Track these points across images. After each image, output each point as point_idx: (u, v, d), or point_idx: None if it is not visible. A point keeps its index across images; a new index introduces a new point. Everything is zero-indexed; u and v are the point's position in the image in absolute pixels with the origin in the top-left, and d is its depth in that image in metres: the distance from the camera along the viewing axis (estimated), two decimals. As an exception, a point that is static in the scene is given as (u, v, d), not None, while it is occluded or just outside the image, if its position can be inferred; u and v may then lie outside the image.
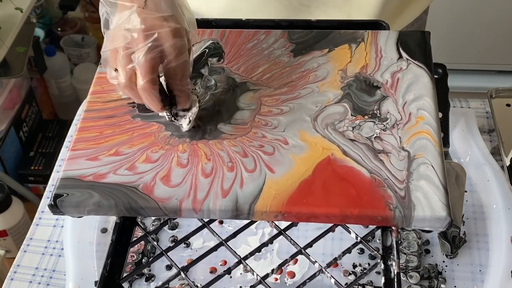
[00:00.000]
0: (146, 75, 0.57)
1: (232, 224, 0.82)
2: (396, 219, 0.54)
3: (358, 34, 0.70)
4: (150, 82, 0.58)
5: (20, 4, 1.56)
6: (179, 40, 0.58)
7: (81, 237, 0.81)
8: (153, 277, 0.78)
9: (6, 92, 1.68)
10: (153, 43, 0.57)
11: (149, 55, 0.57)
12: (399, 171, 0.57)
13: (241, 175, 0.58)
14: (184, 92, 0.61)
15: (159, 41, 0.57)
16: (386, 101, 0.63)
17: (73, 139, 0.63)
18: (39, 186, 1.81)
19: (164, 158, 0.60)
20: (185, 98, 0.61)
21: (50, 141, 1.87)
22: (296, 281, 0.76)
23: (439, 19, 1.77)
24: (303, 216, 0.56)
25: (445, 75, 0.76)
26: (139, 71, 0.58)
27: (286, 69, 0.68)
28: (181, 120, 0.62)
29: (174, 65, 0.58)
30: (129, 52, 0.57)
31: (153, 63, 0.57)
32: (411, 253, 0.77)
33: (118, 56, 0.58)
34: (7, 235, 1.57)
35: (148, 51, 0.57)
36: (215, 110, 0.65)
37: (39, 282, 0.80)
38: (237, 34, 0.72)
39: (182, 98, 0.61)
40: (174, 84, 0.60)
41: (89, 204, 0.58)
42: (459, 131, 0.89)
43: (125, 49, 0.58)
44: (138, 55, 0.57)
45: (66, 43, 2.04)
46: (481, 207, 0.82)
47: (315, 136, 0.61)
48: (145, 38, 0.57)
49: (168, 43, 0.57)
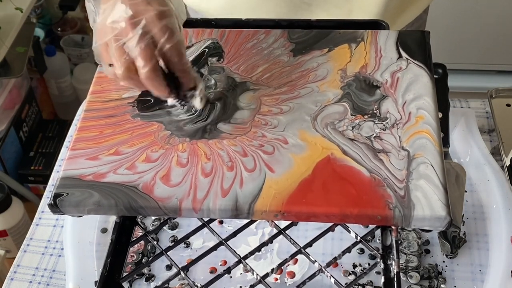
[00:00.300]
0: (146, 64, 0.57)
1: (232, 224, 0.82)
2: (395, 218, 0.54)
3: (358, 34, 0.70)
4: (152, 70, 0.57)
5: (20, 4, 1.56)
6: (168, 21, 0.57)
7: (81, 237, 0.81)
8: (153, 277, 0.78)
9: (6, 92, 1.68)
10: (142, 30, 0.56)
11: (143, 43, 0.56)
12: (399, 171, 0.57)
13: (240, 174, 0.58)
14: (186, 72, 0.60)
15: (148, 27, 0.56)
16: (385, 100, 0.63)
17: (73, 138, 0.63)
18: (39, 186, 1.81)
19: (164, 158, 0.60)
20: (187, 77, 0.60)
21: (50, 141, 1.87)
22: (296, 281, 0.76)
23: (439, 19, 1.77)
24: (302, 216, 0.56)
25: (445, 75, 0.76)
26: (138, 60, 0.57)
27: (286, 69, 0.68)
28: (192, 100, 0.61)
29: (168, 46, 0.57)
30: (121, 43, 0.57)
31: (149, 50, 0.57)
32: (411, 253, 0.77)
33: (110, 49, 0.58)
34: (7, 235, 1.58)
35: (140, 39, 0.56)
36: (214, 110, 0.65)
37: (39, 282, 0.80)
38: (237, 33, 0.72)
39: (185, 77, 0.60)
40: (173, 65, 0.59)
41: (89, 203, 0.58)
42: (459, 131, 0.89)
43: (115, 41, 0.57)
44: (132, 45, 0.56)
45: (66, 43, 2.04)
46: (481, 207, 0.82)
47: (315, 136, 0.61)
48: (132, 26, 0.56)
49: (157, 26, 0.56)
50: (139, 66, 0.57)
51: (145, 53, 0.57)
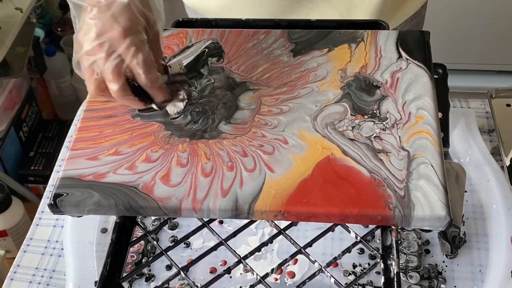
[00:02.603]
0: (115, 83, 0.57)
1: (232, 224, 0.82)
2: (395, 218, 0.54)
3: (357, 34, 0.70)
4: (121, 89, 0.58)
5: (20, 4, 1.56)
6: (132, 39, 0.57)
7: (81, 237, 0.81)
8: (153, 277, 0.78)
9: (6, 92, 1.68)
10: (108, 50, 0.56)
11: (109, 63, 0.57)
12: (399, 171, 0.57)
13: (240, 174, 0.58)
14: (154, 87, 0.60)
15: (113, 47, 0.57)
16: (385, 100, 0.63)
17: (73, 138, 0.63)
18: (39, 186, 1.81)
19: (164, 158, 0.60)
20: (156, 92, 0.60)
21: (50, 141, 1.87)
22: (296, 281, 0.76)
23: (439, 19, 1.77)
24: (302, 216, 0.56)
25: (445, 75, 0.76)
26: (106, 80, 0.58)
27: (285, 69, 0.68)
28: (169, 107, 0.62)
29: (134, 63, 0.57)
30: (90, 62, 0.57)
31: (116, 70, 0.57)
32: (411, 253, 0.77)
33: (82, 66, 0.58)
34: (7, 235, 1.58)
35: (107, 59, 0.57)
36: (214, 110, 0.65)
37: (39, 282, 0.80)
38: (237, 33, 0.72)
39: (153, 92, 0.60)
40: (140, 81, 0.59)
41: (89, 203, 0.58)
42: (459, 131, 0.89)
43: (85, 59, 0.58)
44: (100, 64, 0.57)
45: (66, 43, 2.04)
46: (481, 207, 0.82)
47: (314, 136, 0.61)
48: (99, 46, 0.57)
49: (122, 45, 0.57)
50: (108, 85, 0.58)
51: (113, 73, 0.57)
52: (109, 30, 0.56)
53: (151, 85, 0.59)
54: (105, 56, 0.56)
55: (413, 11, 0.91)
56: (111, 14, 0.56)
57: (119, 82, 0.57)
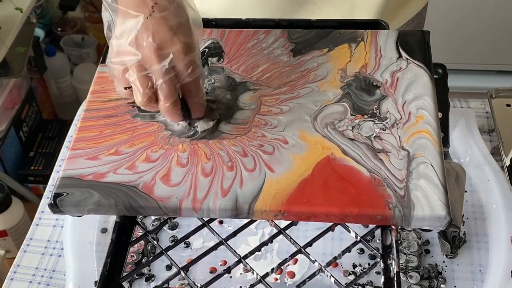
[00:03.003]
0: (169, 99, 0.58)
1: (232, 224, 0.82)
2: (395, 218, 0.54)
3: (357, 34, 0.70)
4: (173, 104, 0.58)
5: (20, 4, 1.56)
6: (191, 56, 0.57)
7: (81, 237, 0.81)
8: (153, 277, 0.78)
9: (6, 92, 1.68)
10: (169, 65, 0.56)
11: (168, 77, 0.57)
12: (399, 170, 0.57)
13: (240, 174, 0.58)
14: (199, 104, 0.61)
15: (174, 62, 0.56)
16: (385, 100, 0.63)
17: (73, 138, 0.63)
18: (39, 186, 1.81)
19: (164, 158, 0.60)
20: (200, 109, 0.61)
21: (50, 141, 1.87)
22: (296, 281, 0.76)
23: (439, 19, 1.77)
24: (302, 215, 0.56)
25: (445, 75, 0.76)
26: (160, 94, 0.57)
27: (285, 69, 0.68)
28: (201, 123, 0.63)
29: (189, 81, 0.58)
30: (145, 74, 0.57)
31: (172, 86, 0.57)
32: (411, 253, 0.77)
33: (131, 74, 0.57)
34: (7, 235, 1.58)
35: (166, 74, 0.56)
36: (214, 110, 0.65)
37: (39, 282, 0.80)
38: (237, 33, 0.72)
39: (197, 109, 0.61)
40: (189, 98, 0.60)
41: (89, 203, 0.58)
42: (459, 131, 0.89)
43: (139, 69, 0.57)
44: (156, 77, 0.56)
45: (66, 43, 2.04)
46: (481, 207, 0.82)
47: (314, 136, 0.61)
48: (159, 58, 0.56)
49: (182, 62, 0.57)
50: (161, 99, 0.58)
51: (169, 89, 0.57)
52: (170, 45, 0.56)
53: (199, 101, 0.60)
54: (164, 70, 0.56)
55: (415, 12, 0.91)
56: (170, 28, 0.56)
57: (173, 97, 0.58)
